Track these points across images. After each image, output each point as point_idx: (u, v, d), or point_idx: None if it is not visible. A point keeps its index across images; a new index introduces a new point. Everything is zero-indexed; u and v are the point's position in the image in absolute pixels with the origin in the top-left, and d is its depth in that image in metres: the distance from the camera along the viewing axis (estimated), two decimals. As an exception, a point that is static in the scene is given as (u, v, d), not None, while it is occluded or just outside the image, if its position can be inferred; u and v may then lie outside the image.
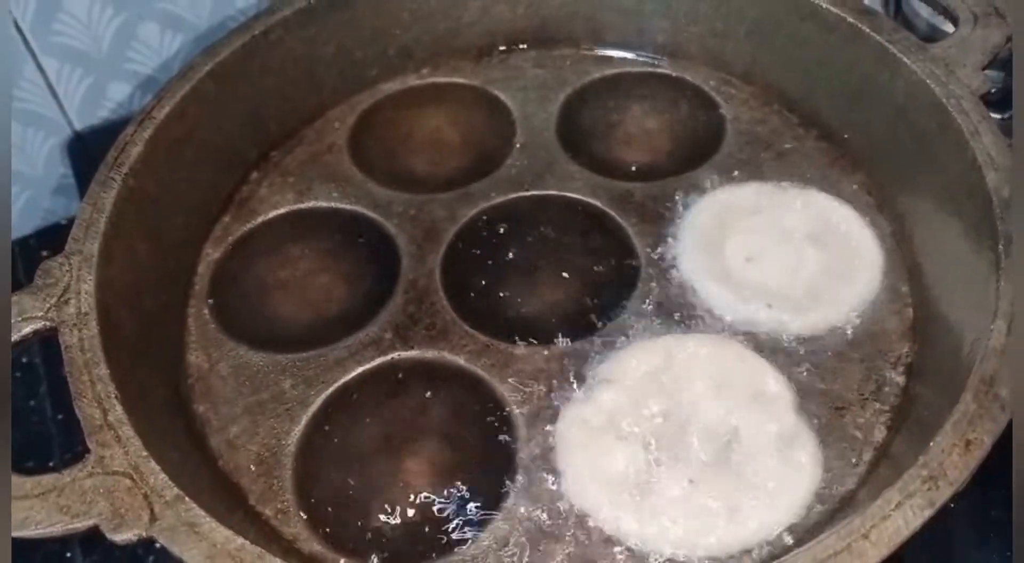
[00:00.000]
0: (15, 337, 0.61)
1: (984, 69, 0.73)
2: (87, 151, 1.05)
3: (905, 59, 0.75)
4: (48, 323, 0.62)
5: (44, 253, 1.04)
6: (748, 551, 0.61)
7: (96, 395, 0.59)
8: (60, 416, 0.87)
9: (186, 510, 0.53)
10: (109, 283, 0.66)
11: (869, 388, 0.68)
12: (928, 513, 0.52)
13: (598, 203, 0.81)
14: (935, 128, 0.72)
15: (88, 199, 0.69)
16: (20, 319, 0.62)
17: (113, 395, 0.59)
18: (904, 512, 0.52)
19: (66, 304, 0.63)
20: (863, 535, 0.51)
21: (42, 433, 0.86)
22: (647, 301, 0.74)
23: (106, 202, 0.68)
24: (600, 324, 0.73)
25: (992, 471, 0.54)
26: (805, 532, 0.61)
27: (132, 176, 0.71)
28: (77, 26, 0.98)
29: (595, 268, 0.77)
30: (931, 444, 0.54)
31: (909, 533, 0.51)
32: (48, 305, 0.63)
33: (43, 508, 0.54)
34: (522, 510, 0.63)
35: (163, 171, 0.74)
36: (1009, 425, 0.54)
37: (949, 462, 0.53)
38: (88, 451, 0.56)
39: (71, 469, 0.55)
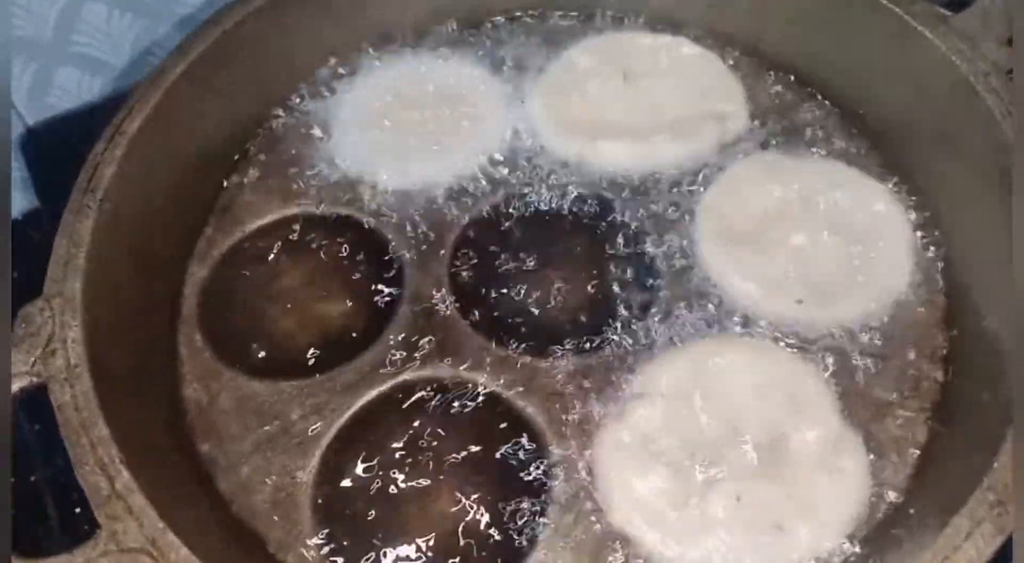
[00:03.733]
0: (-1, 398, 0.56)
1: (1008, 42, 0.70)
2: (37, 143, 0.98)
3: (927, 33, 0.71)
4: (35, 379, 0.57)
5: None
6: (800, 570, 0.59)
7: (99, 461, 0.54)
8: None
9: (216, 588, 0.49)
10: (95, 325, 0.60)
11: (907, 384, 0.66)
12: (999, 540, 0.50)
13: (607, 194, 0.76)
14: (960, 107, 0.69)
15: (63, 232, 0.63)
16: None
17: (117, 459, 0.54)
18: (975, 541, 0.50)
19: (52, 355, 0.58)
20: (936, 569, 0.49)
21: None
22: (669, 302, 0.70)
23: (83, 234, 0.62)
24: (621, 330, 0.69)
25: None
26: (859, 545, 0.59)
27: (107, 200, 0.65)
28: (18, 11, 0.90)
29: (610, 268, 0.72)
30: (994, 464, 0.52)
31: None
32: (33, 358, 0.58)
33: (55, 597, 0.49)
34: (561, 539, 0.60)
35: (139, 190, 0.68)
36: None
37: (1016, 482, 0.51)
38: (96, 525, 0.52)
39: (82, 548, 0.51)
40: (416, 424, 0.66)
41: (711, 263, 0.71)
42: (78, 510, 0.74)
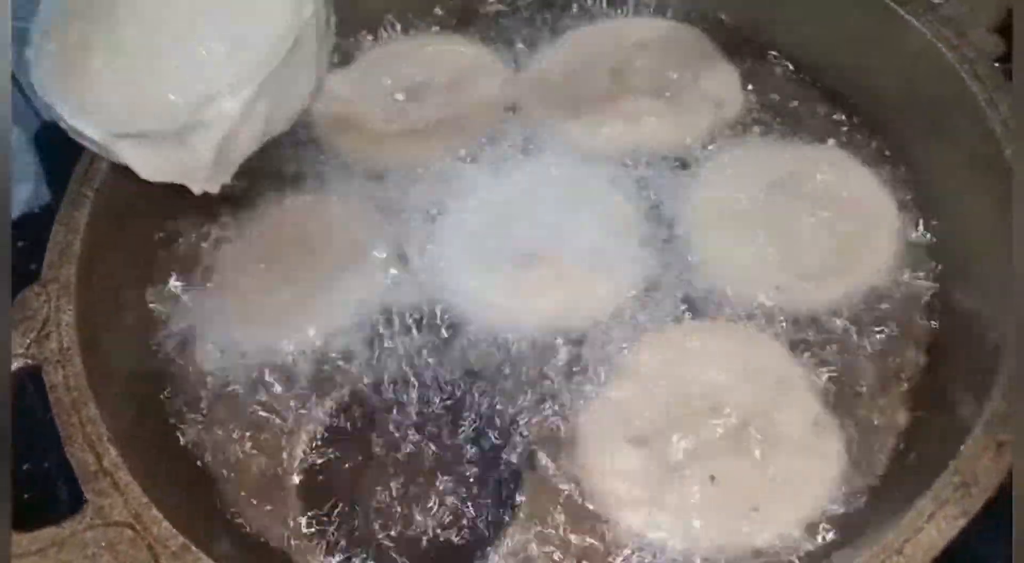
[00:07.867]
0: (-5, 379, 0.58)
1: (998, 30, 0.69)
2: (53, 137, 1.00)
3: (914, 21, 0.71)
4: (30, 361, 0.59)
5: (20, 243, 1.01)
6: (772, 550, 0.59)
7: (87, 438, 0.56)
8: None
9: (194, 560, 0.51)
10: (90, 309, 0.63)
11: (889, 369, 0.66)
12: (962, 523, 0.51)
13: (598, 178, 0.77)
14: (948, 95, 0.69)
15: (60, 220, 0.65)
16: (0, 358, 0.59)
17: (105, 437, 0.56)
18: (937, 523, 0.51)
19: (47, 339, 0.60)
20: (897, 550, 0.50)
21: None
22: (655, 283, 0.70)
23: (79, 222, 0.65)
24: (605, 313, 0.69)
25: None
26: (832, 529, 0.59)
27: (103, 190, 0.67)
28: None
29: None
30: (961, 448, 0.53)
31: (944, 544, 0.50)
32: (28, 340, 0.60)
33: (44, 567, 0.51)
34: (537, 517, 0.61)
35: (133, 181, 0.69)
36: None
37: (981, 467, 0.52)
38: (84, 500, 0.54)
39: (70, 521, 0.53)
40: (398, 413, 0.67)
41: (697, 247, 0.72)
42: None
